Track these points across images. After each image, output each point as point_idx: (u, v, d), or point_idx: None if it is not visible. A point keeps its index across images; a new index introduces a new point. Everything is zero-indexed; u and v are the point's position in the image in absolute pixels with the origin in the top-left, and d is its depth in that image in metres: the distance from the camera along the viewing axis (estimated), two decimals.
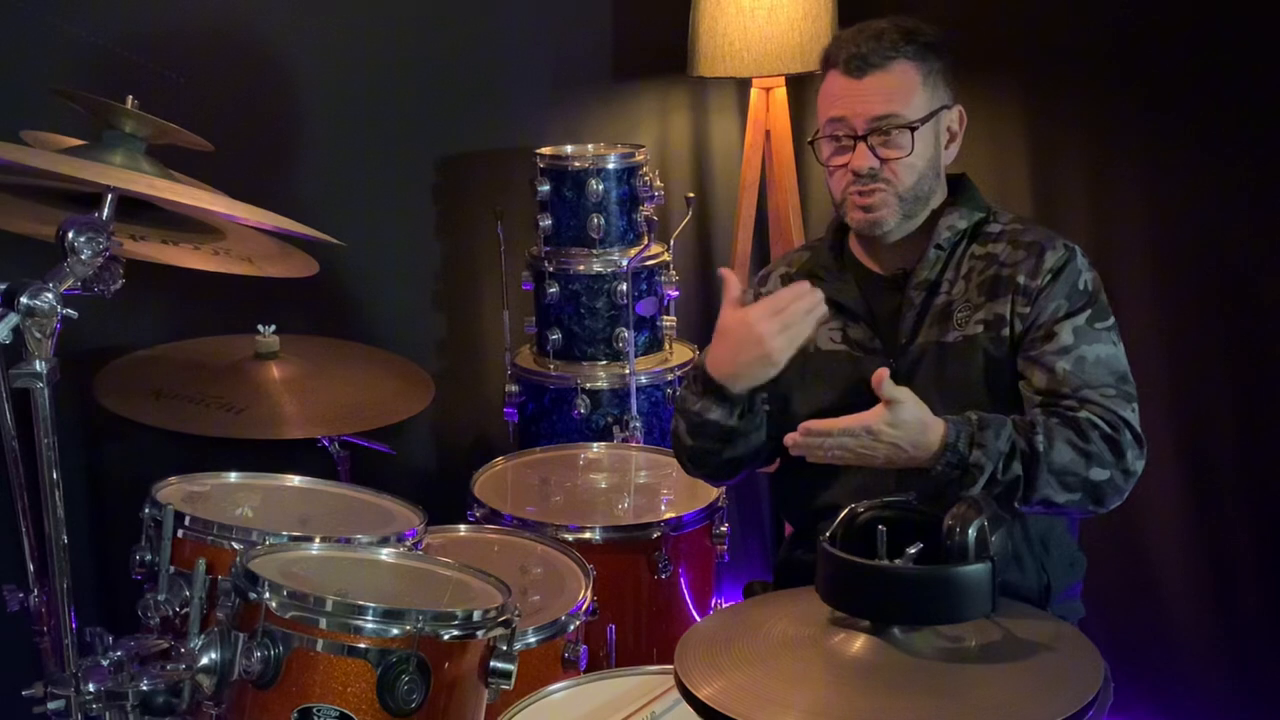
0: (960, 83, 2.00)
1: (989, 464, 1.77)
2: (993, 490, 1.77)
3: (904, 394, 1.76)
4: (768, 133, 3.09)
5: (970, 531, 1.48)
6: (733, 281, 1.91)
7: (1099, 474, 1.80)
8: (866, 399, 1.79)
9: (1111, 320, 1.91)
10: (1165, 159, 2.48)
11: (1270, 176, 2.31)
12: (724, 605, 2.53)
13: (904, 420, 1.75)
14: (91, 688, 1.65)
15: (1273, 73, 2.27)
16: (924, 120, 1.93)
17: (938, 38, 1.97)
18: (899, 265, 2.00)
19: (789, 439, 1.81)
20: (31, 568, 2.00)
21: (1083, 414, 1.81)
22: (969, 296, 1.94)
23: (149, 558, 1.94)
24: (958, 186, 2.04)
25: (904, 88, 1.92)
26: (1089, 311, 1.89)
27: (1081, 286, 1.90)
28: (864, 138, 1.92)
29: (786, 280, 2.09)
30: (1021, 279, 1.91)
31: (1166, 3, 2.43)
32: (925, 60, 1.94)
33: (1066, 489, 1.80)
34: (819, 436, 1.78)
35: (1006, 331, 1.91)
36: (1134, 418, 1.84)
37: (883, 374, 1.74)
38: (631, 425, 2.81)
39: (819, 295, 1.85)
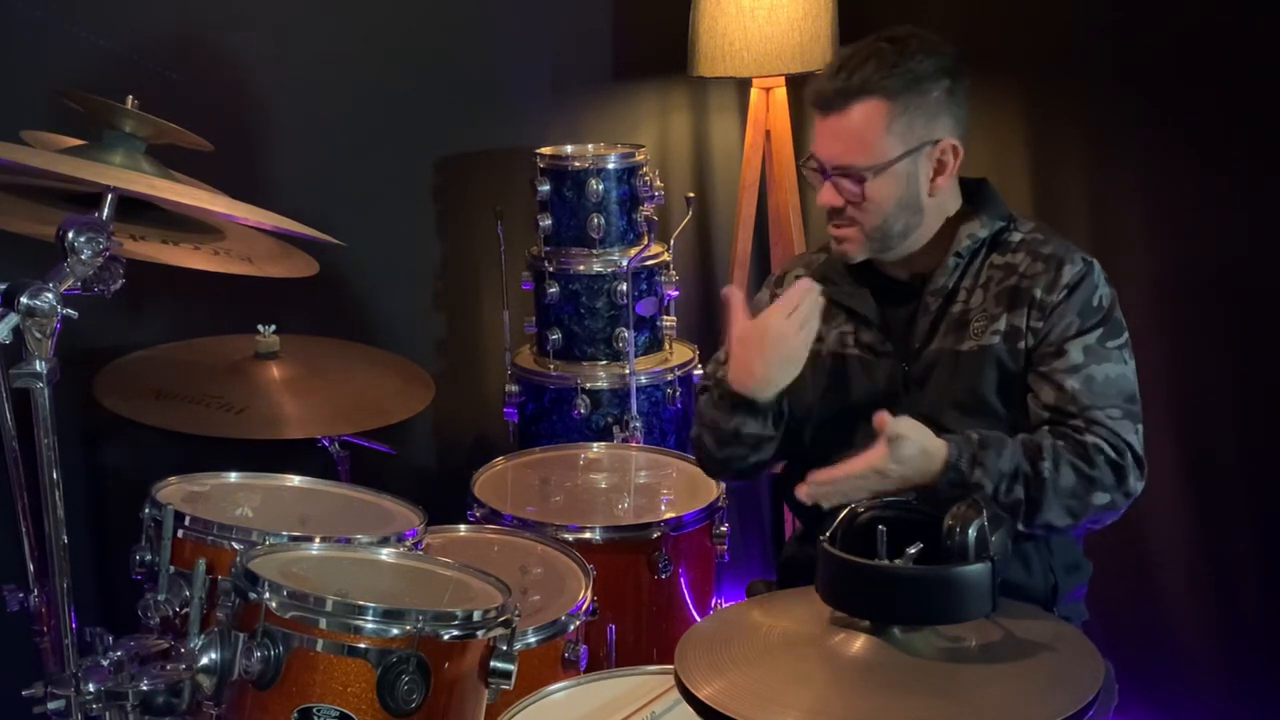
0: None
1: (989, 483, 1.77)
2: (993, 511, 1.76)
3: (906, 426, 1.75)
4: (768, 133, 3.09)
5: (970, 531, 1.48)
6: (737, 296, 1.94)
7: (1100, 498, 1.80)
8: (878, 401, 1.81)
9: (1124, 337, 1.90)
10: (1165, 160, 2.48)
11: (1270, 177, 2.31)
12: (724, 605, 2.53)
13: (907, 455, 1.75)
14: (91, 688, 1.64)
15: (1272, 73, 2.27)
16: (888, 165, 1.88)
17: (939, 65, 1.89)
18: (915, 270, 1.99)
19: (800, 491, 1.80)
20: (31, 568, 2.01)
21: (1089, 438, 1.81)
22: (986, 306, 1.92)
23: (149, 558, 1.94)
24: (978, 192, 2.00)
25: (864, 133, 1.87)
26: (1101, 330, 1.88)
27: (1095, 303, 1.89)
28: (830, 176, 1.93)
29: None
30: (1038, 293, 1.89)
31: (1166, 4, 2.43)
32: (906, 94, 1.86)
33: (1069, 513, 1.80)
34: (828, 485, 1.78)
35: (1022, 345, 1.90)
36: (1137, 440, 1.84)
37: (884, 417, 1.74)
38: (631, 425, 2.81)
39: (818, 287, 1.90)
